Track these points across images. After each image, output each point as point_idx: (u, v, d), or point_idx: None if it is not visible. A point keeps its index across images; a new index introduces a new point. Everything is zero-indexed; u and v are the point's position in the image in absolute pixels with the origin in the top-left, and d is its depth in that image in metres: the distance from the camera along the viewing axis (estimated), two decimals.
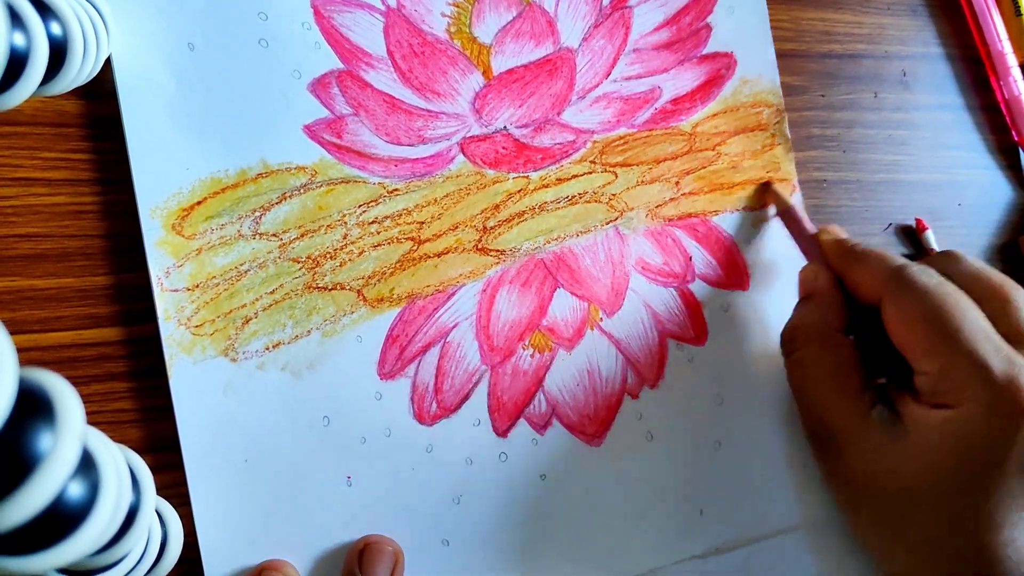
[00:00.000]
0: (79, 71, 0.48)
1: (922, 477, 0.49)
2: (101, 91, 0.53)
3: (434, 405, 0.55)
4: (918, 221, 0.69)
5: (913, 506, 0.50)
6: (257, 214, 0.54)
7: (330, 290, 0.55)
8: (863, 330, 0.57)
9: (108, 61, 0.52)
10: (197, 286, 0.52)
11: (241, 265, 0.53)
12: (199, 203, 0.53)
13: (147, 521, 0.41)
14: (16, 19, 0.42)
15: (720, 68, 0.64)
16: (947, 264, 0.54)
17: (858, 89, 0.69)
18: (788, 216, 0.62)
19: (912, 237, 0.70)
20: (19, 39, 0.42)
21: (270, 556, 0.52)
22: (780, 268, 0.63)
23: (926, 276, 0.52)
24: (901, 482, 0.50)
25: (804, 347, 0.56)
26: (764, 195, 0.64)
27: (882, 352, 0.55)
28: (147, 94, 0.53)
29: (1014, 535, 0.47)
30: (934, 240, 0.69)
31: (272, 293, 0.54)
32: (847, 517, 0.57)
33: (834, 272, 0.58)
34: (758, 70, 0.65)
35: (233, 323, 0.53)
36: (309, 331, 0.54)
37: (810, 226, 0.61)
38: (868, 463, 0.52)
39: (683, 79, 0.63)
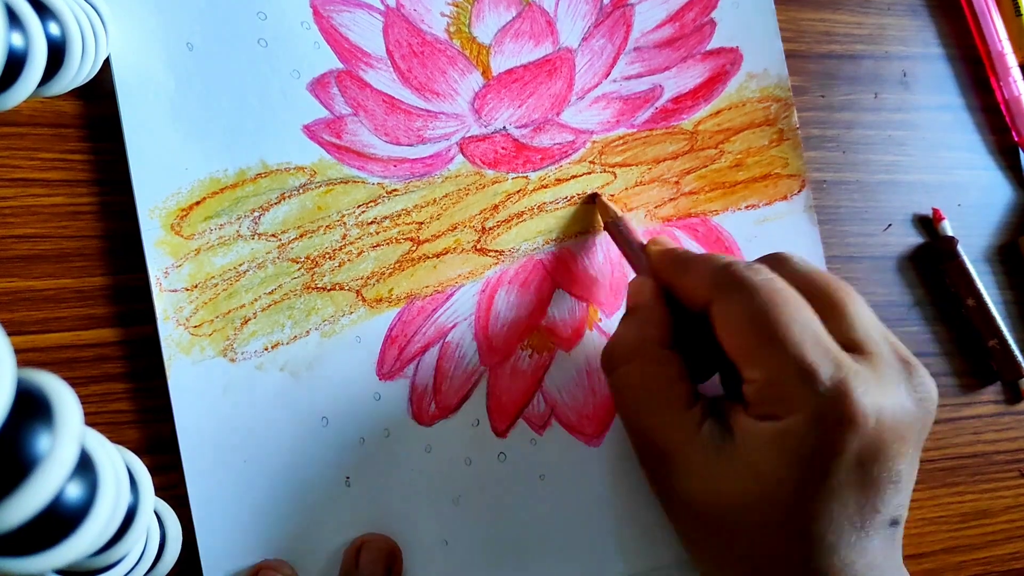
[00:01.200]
0: (77, 72, 0.48)
1: (750, 494, 0.46)
2: (99, 92, 0.53)
3: (433, 405, 0.55)
4: (935, 211, 0.69)
5: (742, 526, 0.47)
6: (256, 214, 0.54)
7: (329, 290, 0.55)
8: (694, 341, 0.52)
9: (107, 62, 0.52)
10: (196, 286, 0.52)
11: (240, 265, 0.53)
12: (198, 203, 0.53)
13: (145, 522, 0.41)
14: (14, 19, 0.42)
15: (725, 64, 0.64)
16: (777, 265, 0.51)
17: (858, 90, 0.69)
18: (615, 228, 0.59)
19: (929, 227, 0.70)
20: (17, 39, 0.42)
21: (268, 556, 0.52)
22: None
23: (754, 273, 0.48)
24: (729, 499, 0.47)
25: (625, 364, 0.52)
26: (592, 206, 0.61)
27: (714, 364, 0.53)
28: (146, 94, 0.53)
29: (851, 556, 0.45)
30: (951, 230, 0.69)
31: (271, 293, 0.54)
32: (680, 538, 0.53)
33: (661, 283, 0.54)
34: (764, 64, 0.65)
35: (232, 323, 0.53)
36: (308, 331, 0.54)
37: (640, 238, 0.58)
38: (697, 480, 0.48)
39: (686, 76, 0.63)
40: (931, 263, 0.68)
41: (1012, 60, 0.71)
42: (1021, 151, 0.71)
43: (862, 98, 0.69)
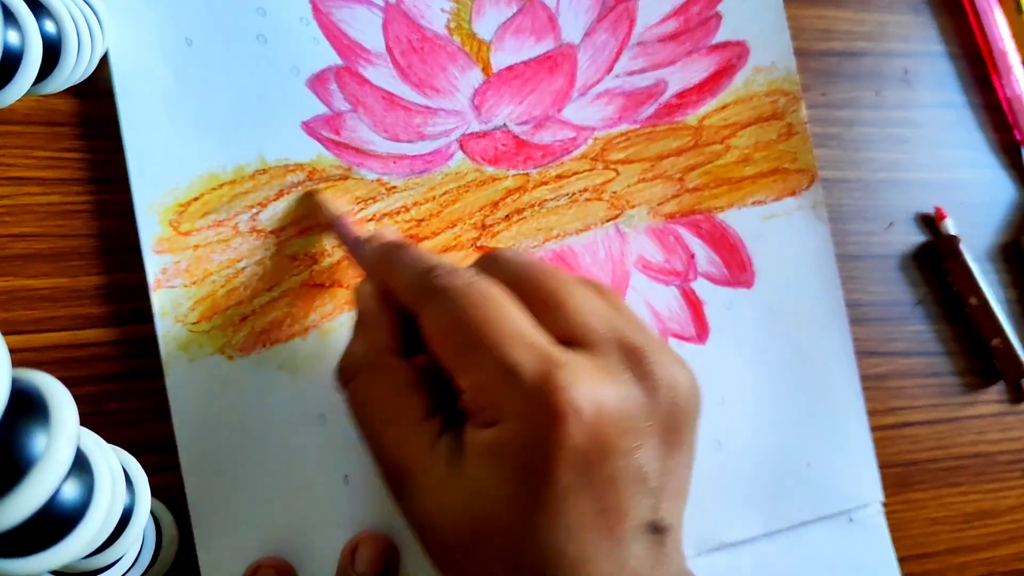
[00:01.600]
0: (73, 70, 0.48)
1: (478, 511, 0.41)
2: (95, 90, 0.53)
3: None
4: (937, 210, 0.69)
5: (477, 546, 0.42)
6: (254, 211, 0.54)
7: (328, 287, 0.54)
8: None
9: (103, 59, 0.52)
10: (194, 283, 0.52)
11: (238, 262, 0.53)
12: (196, 199, 0.53)
13: (142, 523, 0.41)
14: (10, 17, 0.42)
15: (731, 58, 0.64)
16: (488, 264, 0.47)
17: (859, 87, 0.69)
18: (337, 227, 0.54)
19: (931, 226, 0.70)
20: (13, 37, 0.42)
21: (267, 555, 0.52)
22: (788, 265, 0.62)
23: (455, 278, 0.44)
24: (460, 520, 0.42)
25: (355, 377, 0.47)
26: (307, 207, 0.56)
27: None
28: (144, 89, 0.53)
29: (606, 567, 0.40)
30: (953, 229, 0.69)
31: (269, 290, 0.53)
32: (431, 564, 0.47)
33: (380, 286, 0.49)
34: (772, 57, 0.65)
35: (230, 320, 0.53)
36: (307, 329, 0.54)
37: (360, 234, 0.53)
38: (432, 499, 0.43)
39: (691, 71, 0.63)
40: (933, 262, 0.68)
41: (1014, 58, 0.71)
42: (1023, 149, 0.71)
43: (863, 96, 0.69)
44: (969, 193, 0.70)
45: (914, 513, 0.65)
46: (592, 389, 0.40)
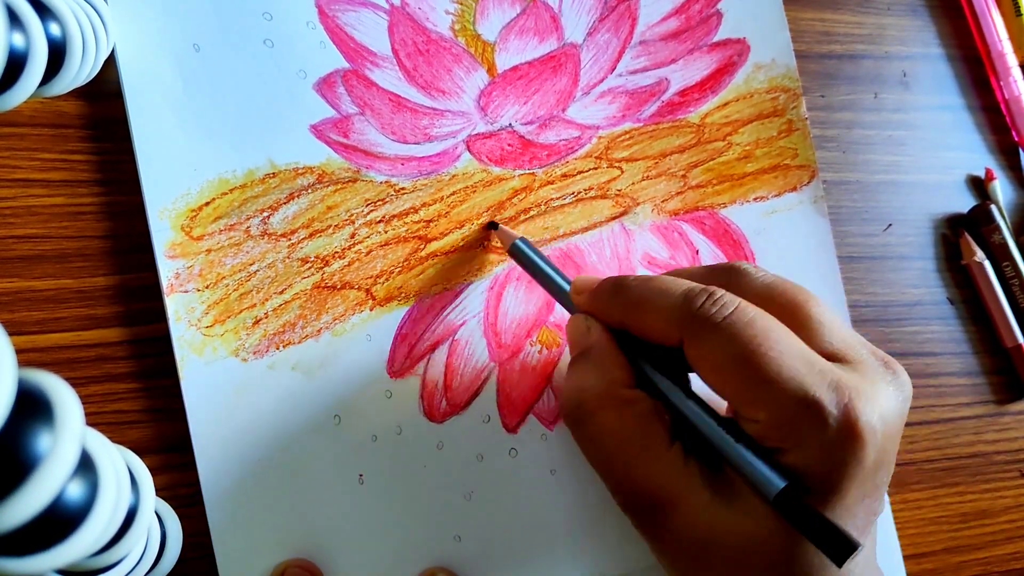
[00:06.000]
0: (78, 72, 0.48)
1: (759, 529, 0.44)
2: (100, 92, 0.53)
3: (444, 402, 0.56)
4: (987, 171, 0.70)
5: (749, 560, 0.44)
6: (265, 214, 0.54)
7: (339, 289, 0.55)
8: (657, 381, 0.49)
9: (109, 62, 0.52)
10: (207, 287, 0.52)
11: (250, 265, 0.53)
12: (207, 204, 0.53)
13: (146, 522, 0.41)
14: (15, 20, 0.42)
15: (732, 55, 0.64)
16: (735, 280, 0.49)
17: (858, 90, 0.69)
18: (521, 254, 0.56)
19: (980, 188, 0.71)
20: (18, 40, 0.42)
21: (283, 555, 0.52)
22: (791, 261, 0.63)
23: (722, 307, 0.45)
24: (735, 538, 0.44)
25: (594, 415, 0.48)
26: (487, 235, 0.59)
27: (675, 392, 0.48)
28: (153, 95, 0.53)
29: (850, 566, 0.44)
30: (1000, 191, 0.70)
31: (282, 293, 0.54)
32: None
33: (609, 322, 0.51)
34: (772, 55, 0.65)
35: (243, 323, 0.53)
36: (319, 330, 0.54)
37: (550, 263, 0.55)
38: (699, 525, 0.45)
39: (692, 69, 0.63)
40: (950, 261, 0.69)
41: (1012, 60, 0.71)
42: (1021, 151, 0.72)
43: (862, 98, 0.69)
44: (967, 195, 0.71)
45: (911, 513, 0.65)
46: (878, 409, 0.44)
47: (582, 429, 0.49)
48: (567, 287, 0.53)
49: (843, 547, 0.40)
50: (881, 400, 0.44)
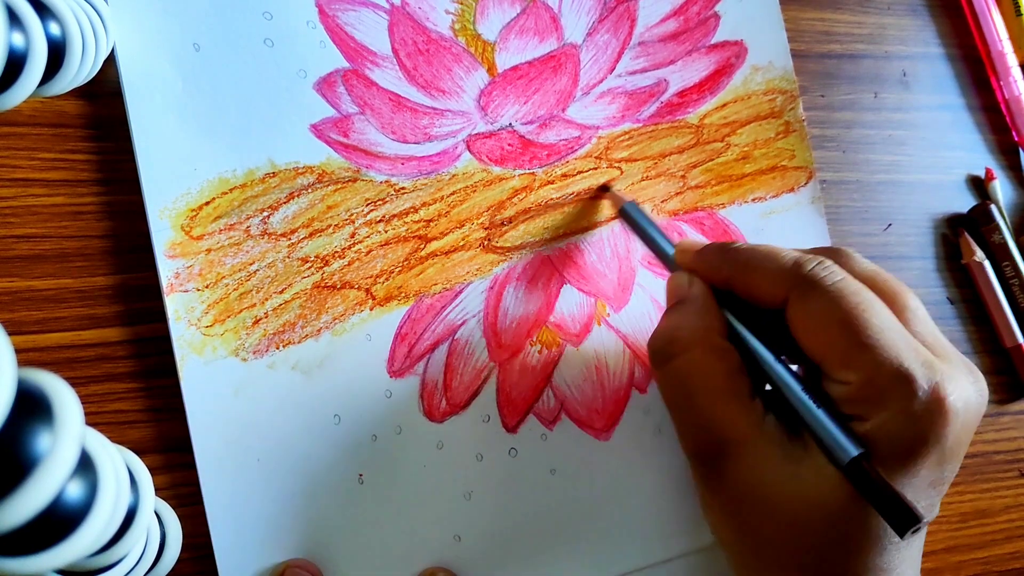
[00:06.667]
0: (78, 71, 0.48)
1: (819, 493, 0.45)
2: (100, 91, 0.53)
3: (444, 402, 0.56)
4: (987, 171, 0.70)
5: (808, 519, 0.46)
6: (265, 214, 0.54)
7: (339, 289, 0.55)
8: (747, 337, 0.51)
9: (109, 61, 0.52)
10: (207, 286, 0.52)
11: (250, 265, 0.53)
12: (207, 203, 0.53)
13: (146, 522, 0.41)
14: (15, 19, 0.42)
15: (730, 57, 0.64)
16: (841, 260, 0.50)
17: (858, 89, 0.69)
18: (631, 216, 0.58)
19: (980, 187, 0.71)
20: (18, 39, 0.42)
21: (283, 555, 0.52)
22: None
23: (832, 272, 0.47)
24: (800, 502, 0.46)
25: (686, 352, 0.50)
26: (599, 199, 0.61)
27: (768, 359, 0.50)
28: (153, 95, 0.53)
29: (898, 557, 0.46)
30: (1000, 190, 0.70)
31: (282, 292, 0.54)
32: (728, 541, 0.51)
33: (709, 280, 0.52)
34: (769, 56, 0.65)
35: (243, 323, 0.53)
36: (319, 330, 0.54)
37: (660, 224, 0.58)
38: (763, 477, 0.47)
39: (691, 70, 0.63)
40: (951, 260, 0.69)
41: (1012, 60, 0.71)
42: (1021, 151, 0.72)
43: (862, 98, 0.69)
44: (967, 195, 0.71)
45: None
46: (963, 396, 0.45)
47: (670, 364, 0.50)
48: (670, 250, 0.55)
49: (907, 518, 0.42)
50: (966, 390, 0.46)
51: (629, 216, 0.57)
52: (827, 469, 0.45)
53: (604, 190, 0.60)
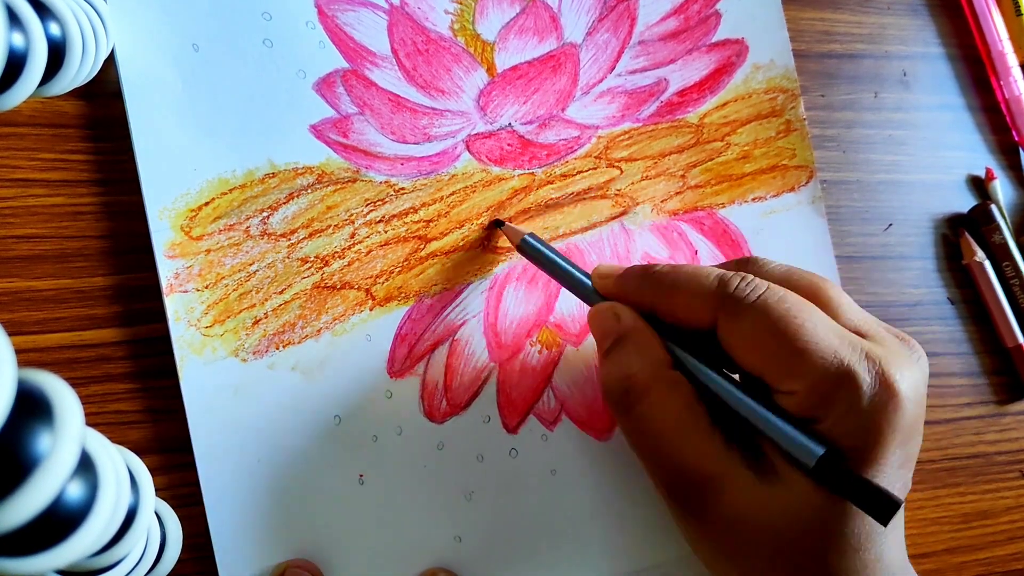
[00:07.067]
0: (78, 72, 0.48)
1: (802, 508, 0.45)
2: (100, 92, 0.53)
3: (444, 402, 0.56)
4: (988, 171, 0.70)
5: (790, 534, 0.46)
6: (265, 214, 0.54)
7: (339, 289, 0.55)
8: (692, 363, 0.50)
9: (109, 62, 0.52)
10: (206, 287, 0.53)
11: (250, 265, 0.53)
12: (207, 204, 0.53)
13: (146, 522, 0.41)
14: (15, 20, 0.42)
15: (731, 55, 0.64)
16: (753, 270, 0.51)
17: (858, 89, 0.69)
18: (531, 249, 0.55)
19: (980, 187, 0.71)
20: (18, 39, 0.42)
21: (283, 555, 0.52)
22: (789, 261, 0.60)
23: (755, 287, 0.47)
24: (782, 519, 0.46)
25: (646, 395, 0.49)
26: (489, 235, 0.59)
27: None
28: (153, 95, 0.53)
29: (884, 545, 0.46)
30: (1000, 190, 0.70)
31: (281, 293, 0.54)
32: (724, 571, 0.50)
33: (637, 305, 0.51)
34: (770, 55, 0.65)
35: (243, 323, 0.53)
36: (319, 331, 0.54)
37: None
38: (745, 506, 0.47)
39: (691, 69, 0.63)
40: (934, 261, 0.69)
41: (1012, 59, 0.71)
42: (1022, 151, 0.72)
43: (862, 98, 0.69)
44: (967, 195, 0.71)
45: (912, 513, 0.65)
46: (907, 377, 0.46)
47: (631, 413, 0.50)
48: (585, 279, 0.53)
49: (885, 506, 0.42)
50: (909, 369, 0.46)
51: (531, 250, 0.55)
52: (800, 482, 0.45)
53: (497, 225, 0.58)
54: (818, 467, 0.44)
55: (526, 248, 0.55)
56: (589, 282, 0.53)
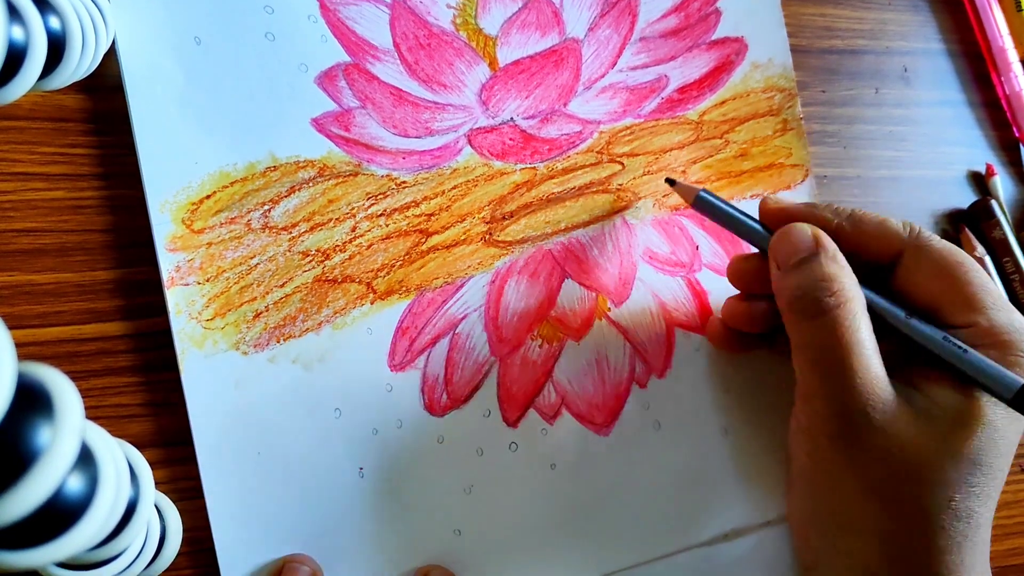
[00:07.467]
0: (78, 65, 0.48)
1: (943, 453, 0.48)
2: (100, 85, 0.53)
3: (444, 396, 0.56)
4: (988, 166, 0.70)
5: (918, 471, 0.48)
6: (266, 207, 0.54)
7: (340, 283, 0.55)
8: (874, 297, 0.52)
9: (109, 55, 0.52)
10: (207, 280, 0.53)
11: (251, 259, 0.53)
12: (208, 197, 0.53)
13: (146, 515, 0.41)
14: (15, 13, 0.42)
15: (730, 54, 0.64)
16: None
17: (859, 85, 0.69)
18: (705, 203, 0.56)
19: (980, 183, 0.71)
20: (17, 33, 0.42)
21: (283, 548, 0.52)
22: None
23: (937, 237, 0.53)
24: (929, 459, 0.48)
25: (841, 305, 0.49)
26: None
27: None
28: (154, 88, 0.53)
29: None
30: (1000, 186, 0.70)
31: (282, 286, 0.54)
32: (874, 513, 0.49)
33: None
34: (769, 54, 0.65)
35: (244, 317, 0.53)
36: (320, 324, 0.54)
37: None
38: (905, 438, 0.47)
39: (691, 66, 0.63)
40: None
41: (1013, 55, 0.71)
42: (1022, 147, 0.72)
43: (863, 93, 0.69)
44: (967, 191, 0.71)
45: None
46: None
47: (820, 319, 0.49)
48: (762, 229, 0.55)
49: None
50: None
51: (707, 205, 0.56)
52: (952, 426, 0.48)
53: (670, 183, 0.59)
54: (1018, 397, 0.47)
55: (701, 204, 0.56)
56: (767, 234, 0.54)
